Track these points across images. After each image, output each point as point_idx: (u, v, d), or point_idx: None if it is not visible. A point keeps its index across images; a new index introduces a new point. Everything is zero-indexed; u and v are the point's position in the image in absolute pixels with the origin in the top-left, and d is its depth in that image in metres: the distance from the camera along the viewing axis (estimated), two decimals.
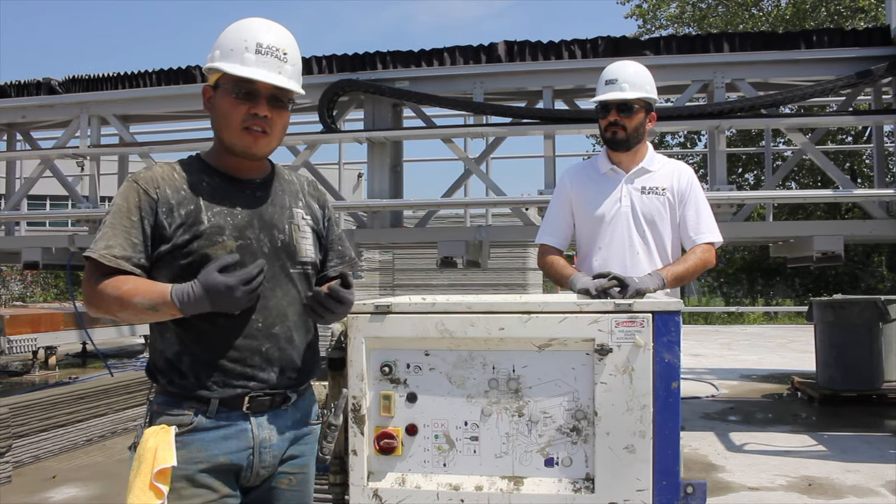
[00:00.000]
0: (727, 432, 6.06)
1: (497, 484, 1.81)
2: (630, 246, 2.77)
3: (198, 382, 1.69)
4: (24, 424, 5.17)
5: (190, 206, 1.72)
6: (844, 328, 7.15)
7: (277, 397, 1.77)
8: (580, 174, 2.93)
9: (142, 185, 1.71)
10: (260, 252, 1.75)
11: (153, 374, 1.76)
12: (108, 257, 1.66)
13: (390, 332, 1.85)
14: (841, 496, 4.34)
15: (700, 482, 1.79)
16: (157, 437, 1.63)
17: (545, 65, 5.79)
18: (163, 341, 1.72)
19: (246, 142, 1.75)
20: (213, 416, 1.69)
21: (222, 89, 1.74)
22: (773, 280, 21.71)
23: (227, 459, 1.70)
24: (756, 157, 18.80)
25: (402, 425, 1.85)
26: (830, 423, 6.45)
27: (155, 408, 1.72)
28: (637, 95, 2.74)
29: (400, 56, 6.02)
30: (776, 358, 11.00)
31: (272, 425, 1.76)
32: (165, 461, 1.60)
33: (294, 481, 1.82)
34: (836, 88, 5.37)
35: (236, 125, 1.73)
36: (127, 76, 6.60)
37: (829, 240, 5.36)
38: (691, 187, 2.81)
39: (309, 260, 1.86)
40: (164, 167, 1.78)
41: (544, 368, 1.80)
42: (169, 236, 1.69)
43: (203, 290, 1.61)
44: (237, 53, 1.71)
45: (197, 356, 1.70)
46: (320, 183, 6.00)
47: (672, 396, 1.74)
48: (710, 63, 5.60)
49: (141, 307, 1.63)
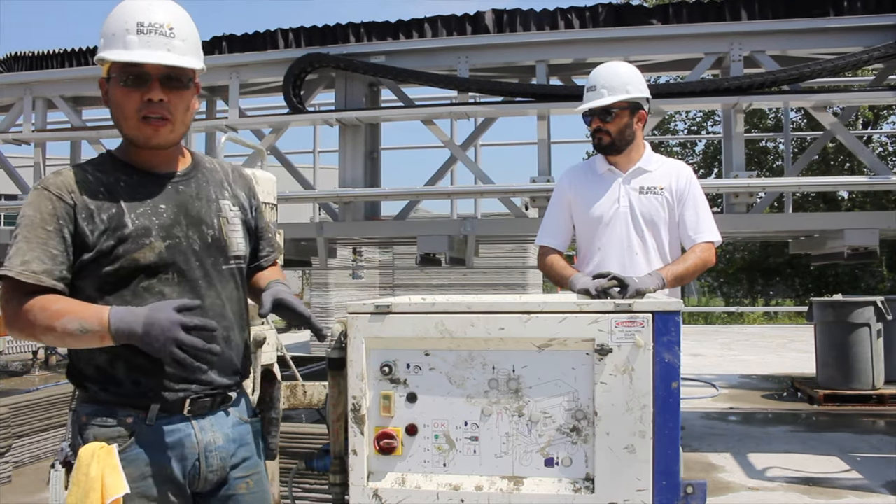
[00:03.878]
0: (727, 432, 6.07)
1: (497, 484, 1.81)
2: (628, 246, 2.77)
3: (136, 388, 1.60)
4: (24, 424, 5.17)
5: (111, 209, 1.61)
6: (844, 328, 7.14)
7: (218, 398, 1.71)
8: (578, 175, 2.94)
9: (53, 192, 1.58)
10: (190, 250, 1.67)
11: (79, 382, 1.64)
12: (25, 274, 1.53)
13: (390, 332, 1.85)
14: (841, 496, 4.34)
15: (700, 482, 1.79)
16: (99, 460, 1.51)
17: (539, 36, 5.18)
18: (90, 348, 1.59)
19: (146, 132, 1.63)
20: (154, 423, 1.60)
21: (113, 79, 1.62)
22: (773, 280, 21.71)
23: (174, 468, 1.62)
24: (762, 149, 18.64)
25: (402, 425, 1.85)
26: (830, 422, 6.45)
27: (83, 419, 1.60)
28: (615, 99, 2.73)
29: (375, 27, 5.42)
30: (776, 358, 11.00)
31: (215, 428, 1.69)
32: (117, 490, 1.49)
33: (251, 483, 1.77)
34: (871, 60, 4.68)
35: (132, 115, 1.61)
36: (74, 53, 6.01)
37: (863, 233, 4.73)
38: (690, 186, 2.81)
39: (241, 254, 1.79)
40: (75, 170, 1.65)
41: (544, 368, 1.80)
42: (92, 244, 1.58)
43: (143, 325, 1.48)
44: (119, 38, 1.59)
45: (132, 361, 1.58)
46: (288, 170, 5.86)
47: (672, 396, 1.74)
48: (725, 33, 4.93)
49: (71, 329, 1.50)
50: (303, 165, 6.88)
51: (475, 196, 6.48)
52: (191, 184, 1.74)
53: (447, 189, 5.95)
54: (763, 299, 22.05)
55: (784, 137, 6.59)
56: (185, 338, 1.48)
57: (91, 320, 1.51)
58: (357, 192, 5.32)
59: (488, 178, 5.50)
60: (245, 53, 5.58)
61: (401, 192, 5.56)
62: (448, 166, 5.78)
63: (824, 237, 5.35)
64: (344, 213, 5.55)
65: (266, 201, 2.88)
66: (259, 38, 5.64)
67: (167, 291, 1.63)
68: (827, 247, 5.31)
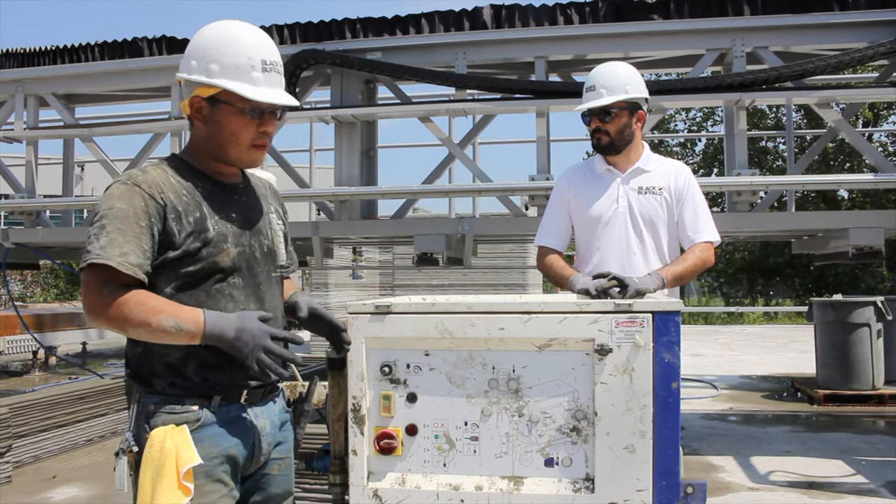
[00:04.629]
0: (727, 432, 6.07)
1: (497, 484, 1.81)
2: (627, 246, 2.77)
3: (204, 383, 1.71)
4: (24, 424, 5.17)
5: (196, 213, 1.71)
6: (844, 328, 7.14)
7: (268, 388, 1.83)
8: (577, 175, 2.95)
9: (146, 189, 1.67)
10: (253, 257, 1.80)
11: (145, 379, 1.72)
12: (125, 265, 1.59)
13: (390, 333, 1.86)
14: (841, 496, 4.34)
15: (700, 482, 1.79)
16: (172, 437, 1.62)
17: (538, 32, 5.06)
18: (164, 346, 1.68)
19: (254, 157, 1.79)
20: (216, 411, 1.71)
21: (227, 106, 1.72)
22: (773, 280, 21.72)
23: (237, 451, 1.74)
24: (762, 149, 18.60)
25: (402, 425, 1.85)
26: (830, 422, 6.45)
27: (151, 408, 1.69)
28: (614, 99, 2.73)
29: (371, 23, 5.31)
30: (776, 358, 11.00)
31: (265, 415, 1.82)
32: (191, 460, 1.61)
33: (283, 466, 1.89)
34: (877, 56, 4.53)
35: (246, 142, 1.76)
36: (67, 50, 5.84)
37: (868, 233, 4.62)
38: (689, 186, 2.81)
39: (286, 263, 1.94)
40: (157, 170, 1.74)
41: (544, 368, 1.80)
42: (178, 244, 1.68)
43: (236, 329, 1.62)
44: (244, 72, 1.70)
45: (204, 359, 1.70)
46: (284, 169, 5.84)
47: (672, 396, 1.74)
48: (727, 28, 4.83)
49: (166, 326, 1.60)
50: (300, 165, 6.79)
51: (473, 195, 6.37)
52: (249, 195, 1.88)
53: (444, 187, 5.80)
54: (763, 299, 22.04)
55: (786, 135, 6.51)
56: (273, 346, 1.64)
57: (187, 321, 1.61)
58: (353, 190, 5.23)
59: (486, 176, 5.41)
60: None
61: (397, 191, 5.47)
62: (446, 164, 5.69)
63: (828, 237, 5.27)
64: (340, 213, 5.44)
65: None
66: None
67: (236, 294, 1.76)
68: (831, 246, 5.24)
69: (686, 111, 20.17)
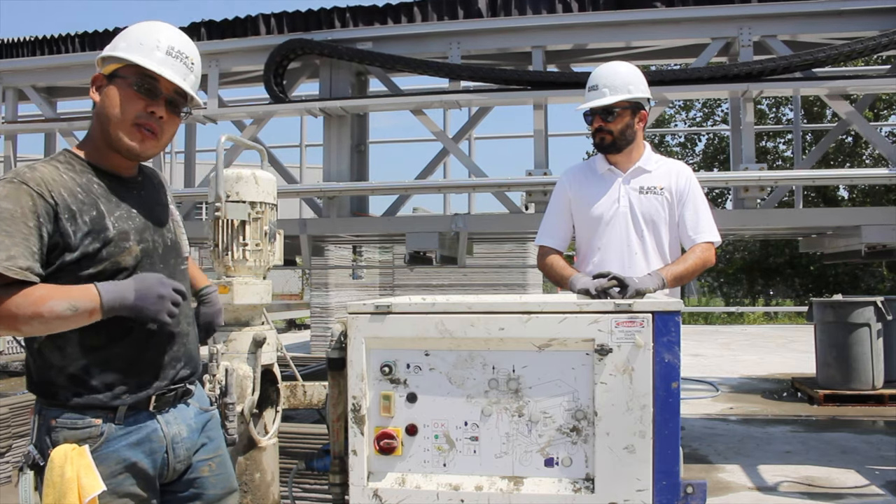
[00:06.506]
0: (727, 433, 6.06)
1: (497, 484, 1.81)
2: (628, 246, 2.78)
3: (109, 392, 1.64)
4: (25, 424, 5.16)
5: (92, 211, 1.63)
6: (844, 328, 7.14)
7: (180, 391, 1.79)
8: (578, 175, 2.95)
9: (34, 188, 1.55)
10: (156, 253, 1.75)
11: (48, 392, 1.64)
12: (13, 269, 1.49)
13: (390, 333, 1.85)
14: (841, 496, 4.33)
15: (700, 482, 1.79)
16: (72, 461, 1.54)
17: (535, 20, 4.84)
18: (62, 357, 1.62)
19: (134, 138, 1.68)
20: (122, 422, 1.65)
21: (121, 80, 1.68)
22: (773, 280, 21.71)
23: (145, 463, 1.68)
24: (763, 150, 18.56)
25: (402, 425, 1.85)
26: (830, 422, 6.45)
27: (52, 422, 1.61)
28: (617, 99, 2.74)
29: (362, 12, 5.11)
30: (776, 358, 10.99)
31: (178, 420, 1.77)
32: (94, 488, 1.53)
33: (214, 466, 1.86)
34: (891, 44, 4.32)
35: (129, 119, 1.67)
36: (47, 40, 5.67)
37: (882, 230, 4.38)
38: (689, 186, 2.81)
39: (188, 254, 1.92)
40: (47, 167, 1.64)
41: (544, 368, 1.80)
42: (75, 245, 1.58)
43: (135, 290, 1.58)
44: (147, 49, 1.67)
45: (108, 365, 1.64)
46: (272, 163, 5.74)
47: (672, 396, 1.74)
48: (734, 16, 4.60)
49: (59, 310, 1.50)
50: (291, 165, 6.70)
51: (467, 190, 6.00)
52: (147, 188, 1.83)
53: (438, 182, 5.57)
54: (763, 299, 22.05)
55: (794, 129, 6.30)
56: (172, 294, 1.62)
57: (81, 299, 1.53)
58: (342, 186, 5.02)
59: (482, 171, 5.19)
60: (225, 40, 5.31)
61: (389, 186, 5.16)
62: (440, 159, 5.52)
63: (837, 234, 5.10)
64: (329, 210, 5.22)
65: (266, 201, 2.88)
66: (240, 23, 5.37)
67: None
68: (842, 245, 5.07)
69: (686, 111, 20.19)
